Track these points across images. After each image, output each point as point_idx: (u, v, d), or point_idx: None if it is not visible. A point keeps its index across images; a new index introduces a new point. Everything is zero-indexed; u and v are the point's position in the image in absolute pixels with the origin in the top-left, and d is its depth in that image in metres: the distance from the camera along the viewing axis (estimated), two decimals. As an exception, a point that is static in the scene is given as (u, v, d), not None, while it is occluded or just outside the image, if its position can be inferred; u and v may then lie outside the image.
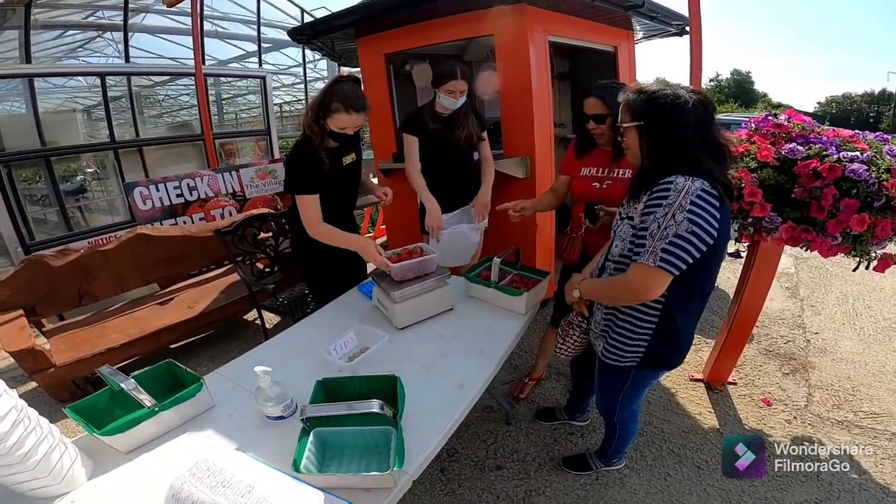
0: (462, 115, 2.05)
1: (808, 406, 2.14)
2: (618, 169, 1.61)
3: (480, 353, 1.38)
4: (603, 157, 1.65)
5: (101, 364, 2.48)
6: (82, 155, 4.34)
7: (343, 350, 1.38)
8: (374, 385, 1.14)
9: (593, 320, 1.38)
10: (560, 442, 2.03)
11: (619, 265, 1.19)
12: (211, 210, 3.55)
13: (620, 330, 1.26)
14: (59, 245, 3.35)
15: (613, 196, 1.60)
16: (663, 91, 1.06)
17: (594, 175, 1.68)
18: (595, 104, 1.53)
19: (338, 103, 1.58)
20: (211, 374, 1.40)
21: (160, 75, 5.04)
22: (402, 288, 1.46)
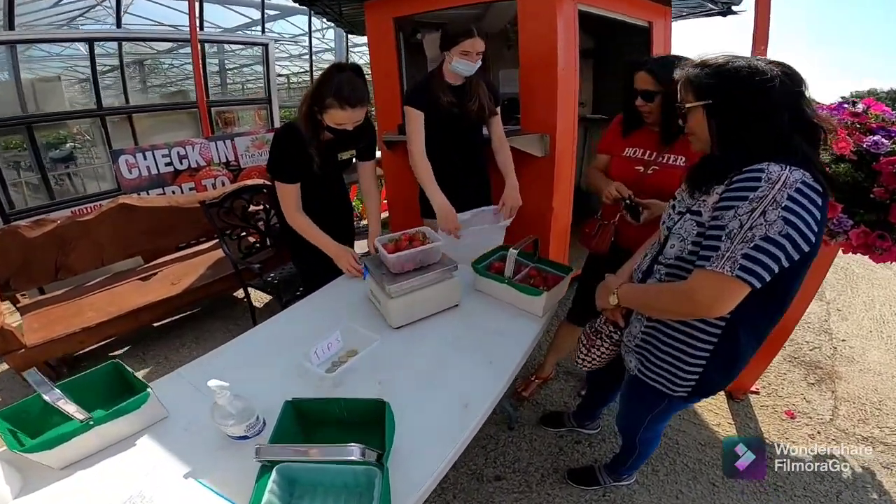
0: (475, 85, 1.77)
1: (834, 420, 2.01)
2: (668, 154, 1.40)
3: (489, 363, 1.16)
4: (651, 139, 1.45)
5: (76, 345, 2.38)
6: (70, 123, 4.12)
7: (325, 354, 1.16)
8: (358, 409, 0.93)
9: (627, 332, 1.17)
10: (566, 451, 1.88)
11: (676, 270, 0.97)
12: (202, 180, 3.33)
13: (667, 349, 1.05)
14: (40, 214, 3.15)
15: (657, 184, 1.40)
16: (735, 63, 0.85)
17: (638, 157, 1.46)
18: (645, 79, 1.33)
19: (332, 98, 1.41)
20: (168, 377, 1.20)
21: (153, 41, 4.74)
22: (398, 281, 1.23)
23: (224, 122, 5.16)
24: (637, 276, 1.11)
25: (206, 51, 5.21)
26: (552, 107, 2.06)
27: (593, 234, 1.58)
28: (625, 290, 1.07)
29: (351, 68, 1.47)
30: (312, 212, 1.71)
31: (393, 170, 2.81)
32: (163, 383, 1.18)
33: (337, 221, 1.92)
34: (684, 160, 1.37)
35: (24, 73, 3.56)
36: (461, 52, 1.62)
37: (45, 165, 3.62)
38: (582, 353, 1.31)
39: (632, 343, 1.14)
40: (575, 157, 2.36)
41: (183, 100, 4.92)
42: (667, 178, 1.39)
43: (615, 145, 1.56)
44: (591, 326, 1.28)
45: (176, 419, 1.07)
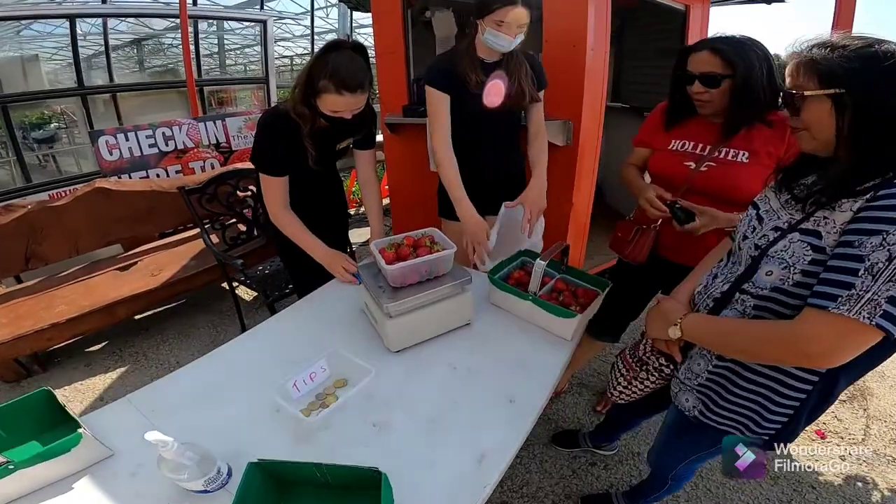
0: (514, 63, 1.44)
1: (866, 440, 1.86)
2: (727, 149, 1.17)
3: (510, 402, 0.94)
4: (705, 130, 1.22)
5: (45, 342, 2.15)
6: (52, 103, 3.87)
7: (307, 386, 0.94)
8: (345, 478, 0.72)
9: (685, 368, 0.95)
10: (579, 474, 1.72)
11: (771, 304, 0.76)
12: (189, 162, 3.09)
13: (745, 394, 0.85)
14: (16, 197, 2.92)
15: (711, 183, 1.18)
16: (884, 47, 0.63)
17: (689, 151, 1.23)
18: (709, 60, 1.10)
19: (326, 81, 1.19)
20: (116, 404, 0.98)
21: (142, 17, 4.44)
22: (399, 298, 1.00)
23: (218, 102, 4.89)
24: (705, 304, 0.89)
25: (205, 30, 4.93)
26: (578, 92, 1.81)
27: (629, 239, 1.35)
28: (693, 323, 0.85)
29: (351, 46, 1.24)
30: (302, 207, 1.49)
31: (396, 155, 2.56)
32: (109, 413, 0.97)
33: (330, 219, 1.70)
34: (747, 156, 1.14)
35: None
36: (495, 23, 1.30)
37: (23, 147, 3.37)
38: (620, 384, 1.10)
39: (692, 382, 0.93)
40: (599, 148, 2.12)
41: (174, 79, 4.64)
42: (724, 177, 1.16)
43: (657, 137, 1.33)
44: (634, 355, 1.06)
45: (123, 459, 0.88)
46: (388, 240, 1.14)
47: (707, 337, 0.83)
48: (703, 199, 1.19)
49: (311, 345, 1.12)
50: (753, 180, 1.13)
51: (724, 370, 0.87)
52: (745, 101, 1.08)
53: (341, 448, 0.86)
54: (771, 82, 1.07)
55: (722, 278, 0.87)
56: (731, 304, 0.82)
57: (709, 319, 0.84)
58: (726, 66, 1.07)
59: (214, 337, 2.50)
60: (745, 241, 0.82)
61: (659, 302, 0.95)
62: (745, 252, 0.81)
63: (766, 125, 1.12)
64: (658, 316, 0.92)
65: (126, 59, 5.14)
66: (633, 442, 1.83)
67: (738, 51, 1.06)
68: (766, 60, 1.07)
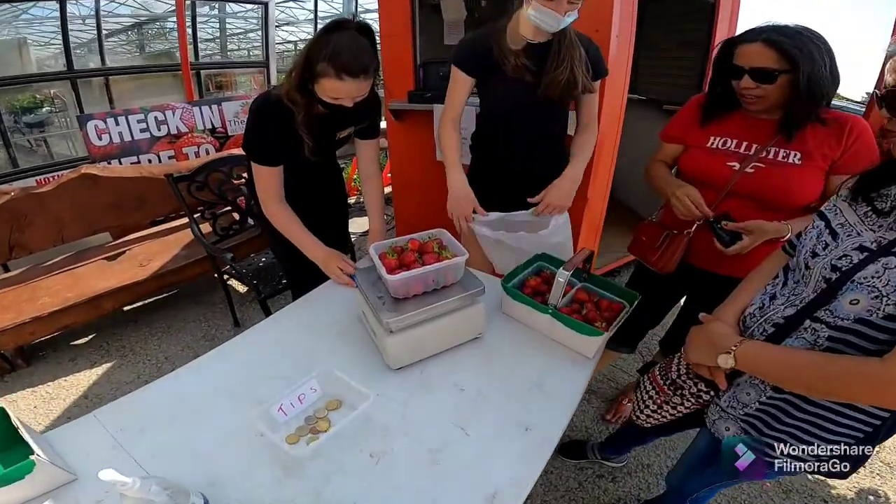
0: (567, 46, 1.22)
1: (880, 453, 1.78)
2: (777, 148, 1.04)
3: (525, 430, 0.83)
4: (750, 127, 1.09)
5: (27, 336, 2.00)
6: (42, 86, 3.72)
7: (295, 409, 0.83)
8: None
9: (728, 395, 0.84)
10: (585, 487, 1.63)
11: (854, 337, 0.64)
12: (183, 148, 2.96)
13: (800, 424, 0.76)
14: (1, 183, 2.80)
15: (758, 187, 1.05)
16: None
17: (732, 150, 1.10)
18: (763, 53, 0.97)
19: (325, 64, 1.06)
20: (83, 420, 0.87)
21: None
22: (401, 311, 0.88)
23: (217, 86, 4.73)
24: (762, 329, 0.77)
25: (206, 13, 4.76)
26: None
27: (656, 245, 1.22)
28: (752, 353, 0.72)
29: (356, 27, 1.10)
30: (298, 200, 1.37)
31: (399, 143, 2.42)
32: (73, 430, 0.87)
33: (328, 213, 1.58)
34: (800, 157, 1.01)
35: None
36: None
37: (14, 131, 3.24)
38: (648, 407, 0.99)
39: (737, 412, 0.82)
40: (618, 142, 2.00)
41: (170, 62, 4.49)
42: (774, 180, 1.04)
43: (692, 133, 1.19)
44: (666, 376, 0.95)
45: (87, 485, 0.78)
46: (390, 242, 1.01)
47: (768, 369, 0.72)
48: (747, 204, 1.07)
49: (303, 357, 1.01)
50: (807, 183, 1.01)
51: (780, 402, 0.76)
52: (810, 99, 0.95)
53: (334, 481, 0.75)
54: (835, 78, 0.96)
55: (783, 300, 0.75)
56: (797, 332, 0.71)
57: (772, 350, 0.72)
58: (783, 61, 0.94)
59: (206, 331, 2.39)
60: (816, 260, 0.70)
61: (704, 323, 0.83)
62: (817, 272, 0.69)
63: (819, 123, 1.00)
64: (704, 340, 0.80)
65: (127, 43, 4.99)
66: (642, 453, 1.74)
67: (798, 44, 0.93)
68: (828, 54, 0.95)
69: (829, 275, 0.67)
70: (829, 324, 0.66)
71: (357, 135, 1.43)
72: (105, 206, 2.35)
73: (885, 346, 0.61)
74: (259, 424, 0.76)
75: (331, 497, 0.72)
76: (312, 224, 1.38)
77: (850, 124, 0.99)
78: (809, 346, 0.69)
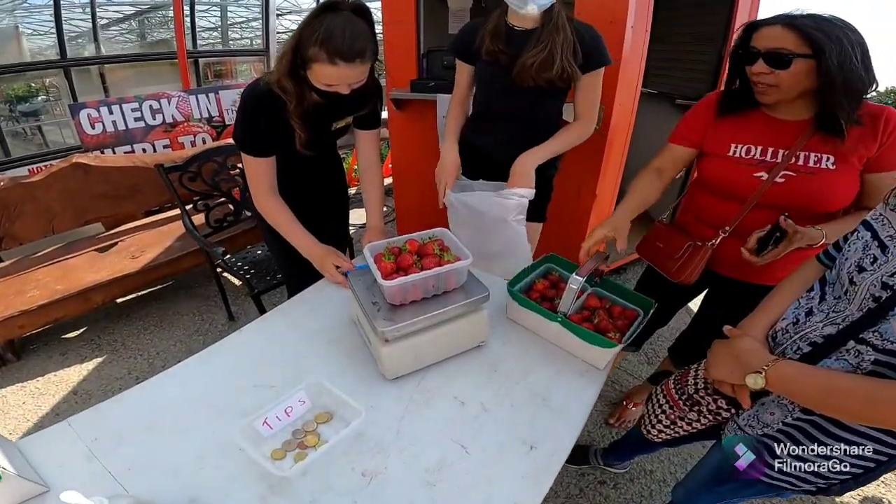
0: (549, 30, 1.17)
1: None
2: (807, 152, 0.95)
3: (530, 449, 0.77)
4: (773, 130, 1.00)
5: (15, 330, 1.94)
6: (33, 76, 3.66)
7: (280, 423, 0.76)
8: None
9: (747, 414, 0.78)
10: (586, 493, 1.59)
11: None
12: (179, 137, 2.88)
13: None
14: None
15: (791, 197, 0.97)
16: None
17: (757, 159, 1.01)
18: (780, 35, 0.88)
19: (317, 48, 0.99)
20: (56, 427, 0.82)
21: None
22: (398, 320, 0.82)
23: (216, 75, 4.64)
24: (796, 347, 0.70)
25: (208, 1, 4.66)
26: (613, 73, 1.59)
27: (676, 256, 1.13)
28: (787, 375, 0.66)
29: (351, 7, 1.02)
30: (295, 195, 1.30)
31: (401, 133, 2.35)
32: (46, 438, 0.81)
33: (327, 208, 1.51)
34: (833, 161, 0.93)
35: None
36: None
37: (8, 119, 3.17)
38: (661, 422, 0.93)
39: (755, 431, 0.76)
40: (630, 136, 1.92)
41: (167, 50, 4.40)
42: (808, 188, 0.95)
43: (709, 137, 1.10)
44: (682, 391, 0.88)
45: (56, 497, 0.71)
46: (386, 243, 0.94)
47: (806, 391, 0.65)
48: (774, 214, 0.97)
49: (292, 364, 0.95)
50: (842, 190, 0.93)
51: (805, 423, 0.70)
52: (847, 88, 0.86)
53: (322, 502, 0.69)
54: (869, 74, 0.87)
55: (822, 317, 0.68)
56: (837, 353, 0.64)
57: (811, 372, 0.65)
58: (804, 45, 0.85)
59: (199, 326, 2.34)
60: (864, 276, 0.63)
61: (731, 339, 0.76)
62: (864, 289, 0.62)
63: (854, 122, 0.91)
64: (729, 357, 0.74)
65: (129, 31, 4.90)
66: (645, 459, 1.69)
67: (824, 27, 0.85)
68: (860, 45, 0.86)
69: (878, 293, 0.61)
70: (875, 346, 0.60)
71: (356, 125, 1.36)
72: (97, 197, 2.29)
73: None
74: (242, 440, 0.70)
75: (318, 521, 0.67)
76: (310, 218, 1.31)
77: (885, 116, 0.91)
78: (852, 368, 0.62)
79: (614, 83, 1.61)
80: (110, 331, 2.29)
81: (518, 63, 1.20)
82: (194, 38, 4.21)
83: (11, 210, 2.10)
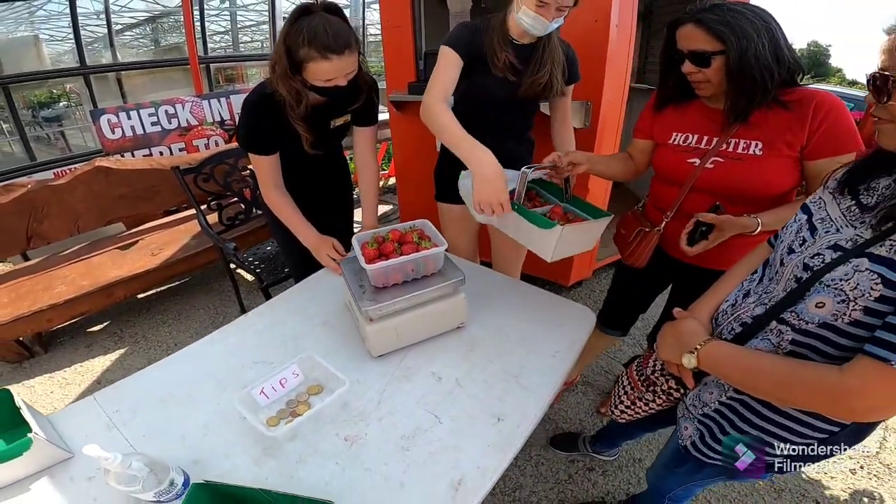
0: (550, 49, 1.25)
1: (880, 453, 1.74)
2: (736, 139, 1.00)
3: (497, 420, 0.85)
4: (707, 119, 1.06)
5: (44, 323, 2.09)
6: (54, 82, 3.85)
7: (276, 393, 0.86)
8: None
9: (693, 393, 0.84)
10: (575, 479, 1.64)
11: (817, 341, 0.61)
12: (193, 140, 3.03)
13: (754, 431, 0.74)
14: (20, 176, 2.92)
15: (718, 182, 1.02)
16: None
17: (692, 146, 1.07)
18: (695, 34, 0.93)
19: (307, 49, 1.06)
20: (82, 402, 0.93)
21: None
22: (380, 300, 0.91)
23: (227, 79, 4.79)
24: (730, 328, 0.75)
25: (217, 6, 4.81)
26: (599, 71, 1.65)
27: (630, 240, 1.21)
28: (714, 353, 0.70)
29: (322, 7, 1.10)
30: (301, 192, 1.40)
31: (402, 134, 2.44)
32: (74, 412, 0.92)
33: (332, 204, 1.60)
34: (761, 146, 0.97)
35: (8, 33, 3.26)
36: (536, 1, 1.11)
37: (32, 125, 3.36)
38: (623, 403, 0.99)
39: (696, 411, 0.82)
40: (620, 132, 1.97)
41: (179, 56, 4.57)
42: (734, 174, 1.00)
43: (656, 128, 1.17)
44: (641, 373, 0.95)
45: (82, 462, 0.82)
46: (372, 233, 1.03)
47: (728, 371, 0.69)
48: (712, 199, 1.04)
49: (290, 344, 1.04)
50: (771, 175, 0.97)
51: (737, 404, 0.75)
52: (743, 82, 0.90)
53: (308, 462, 0.79)
54: (778, 56, 0.89)
55: (755, 299, 0.73)
56: (762, 332, 0.68)
57: (734, 352, 0.69)
58: (713, 40, 0.90)
59: (214, 318, 2.47)
60: (792, 257, 0.67)
61: (676, 319, 0.82)
62: (790, 270, 0.67)
63: (781, 107, 0.94)
64: (673, 337, 0.79)
65: (142, 37, 5.08)
66: (634, 448, 1.74)
67: (728, 21, 0.88)
68: (766, 30, 0.88)
69: (800, 274, 0.64)
70: (793, 326, 0.63)
71: (354, 121, 1.44)
72: (118, 198, 2.44)
73: (850, 352, 0.57)
74: (241, 407, 0.79)
75: (305, 477, 0.76)
76: (315, 214, 1.40)
77: (814, 103, 0.91)
78: (773, 348, 0.66)
79: (601, 81, 1.67)
80: (132, 324, 2.44)
81: (527, 81, 1.27)
82: (205, 44, 4.37)
83: (39, 211, 2.26)
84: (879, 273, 0.53)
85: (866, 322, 0.55)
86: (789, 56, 0.90)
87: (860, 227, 0.60)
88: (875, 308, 0.54)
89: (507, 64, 1.24)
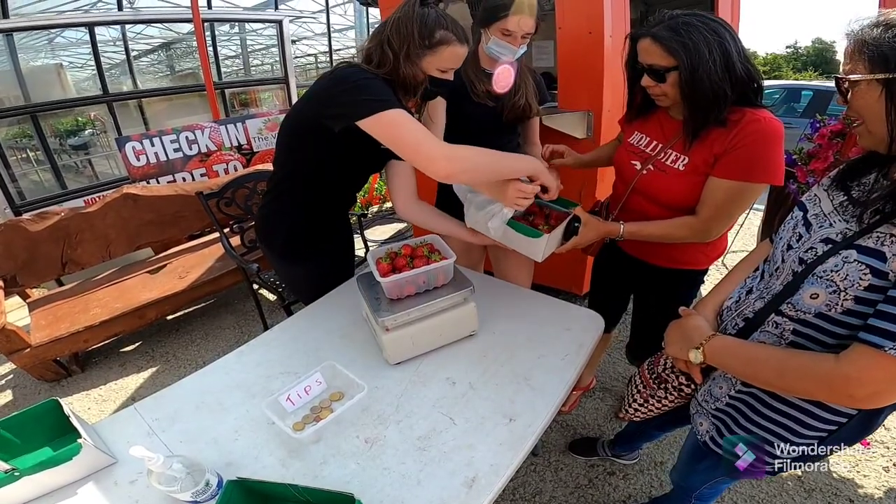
0: (521, 75, 1.36)
1: None
2: (673, 151, 1.04)
3: (509, 421, 0.89)
4: (661, 126, 1.10)
5: (81, 343, 2.24)
6: (81, 109, 4.06)
7: (301, 400, 0.93)
8: (321, 499, 0.70)
9: (703, 389, 0.87)
10: (596, 484, 1.64)
11: (814, 331, 0.65)
12: (213, 165, 3.17)
13: (766, 423, 0.76)
14: (52, 205, 3.10)
15: (647, 189, 1.08)
16: None
17: (642, 149, 1.12)
18: (652, 50, 0.95)
19: (445, 31, 1.01)
20: (125, 412, 1.01)
21: (158, 22, 4.59)
22: (395, 311, 0.97)
23: (242, 103, 4.99)
24: (734, 323, 0.79)
25: (226, 32, 5.03)
26: (597, 83, 1.71)
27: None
28: (719, 348, 0.74)
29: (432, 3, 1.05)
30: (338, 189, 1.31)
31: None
32: (117, 421, 1.00)
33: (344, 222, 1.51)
34: (686, 162, 1.00)
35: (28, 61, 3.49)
36: (502, 31, 1.21)
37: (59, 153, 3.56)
38: (636, 401, 1.02)
39: (709, 406, 0.85)
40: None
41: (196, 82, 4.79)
42: (658, 185, 1.05)
43: (625, 125, 1.25)
44: (653, 370, 0.98)
45: (125, 467, 0.89)
46: (386, 248, 1.10)
47: (733, 364, 0.72)
48: (647, 201, 1.09)
49: (313, 355, 1.11)
50: (683, 190, 1.01)
51: (748, 397, 0.78)
52: (695, 98, 0.92)
53: (331, 463, 0.84)
54: (730, 69, 0.89)
55: (757, 294, 0.76)
56: (764, 326, 0.72)
57: (736, 345, 0.72)
58: (669, 57, 0.92)
59: (239, 337, 2.57)
60: (789, 252, 0.70)
61: (682, 316, 0.85)
62: (788, 266, 0.70)
63: (722, 125, 0.95)
64: (679, 334, 0.82)
65: (158, 62, 5.31)
66: (655, 451, 1.74)
67: (681, 37, 0.89)
68: (719, 46, 0.88)
69: (796, 267, 0.67)
70: (791, 317, 0.67)
71: None
72: (146, 224, 2.57)
73: (845, 341, 0.60)
74: (269, 413, 0.86)
75: (327, 476, 0.81)
76: (337, 214, 1.39)
77: (741, 124, 0.92)
78: (776, 340, 0.69)
79: (600, 91, 1.72)
80: (163, 344, 2.56)
81: (508, 104, 1.37)
82: (219, 69, 4.57)
83: (73, 238, 2.41)
84: (867, 263, 0.57)
85: (858, 311, 0.59)
86: (742, 70, 0.90)
87: (851, 221, 0.63)
88: (865, 297, 0.57)
89: (484, 92, 1.35)
